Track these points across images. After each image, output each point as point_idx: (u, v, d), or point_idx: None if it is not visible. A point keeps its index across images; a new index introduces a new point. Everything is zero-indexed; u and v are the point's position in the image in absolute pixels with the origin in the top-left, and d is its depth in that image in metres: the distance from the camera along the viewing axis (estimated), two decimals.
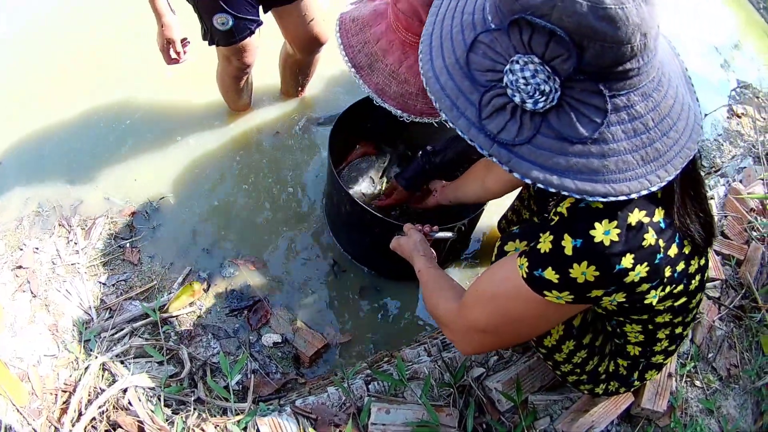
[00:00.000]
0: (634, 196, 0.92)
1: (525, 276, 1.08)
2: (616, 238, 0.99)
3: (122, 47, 2.73)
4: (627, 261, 1.00)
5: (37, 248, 1.98)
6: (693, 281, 1.19)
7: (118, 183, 2.27)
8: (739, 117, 3.34)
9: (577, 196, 0.91)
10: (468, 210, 2.18)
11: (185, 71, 2.50)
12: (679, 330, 1.32)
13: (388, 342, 2.00)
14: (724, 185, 2.58)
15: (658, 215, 1.04)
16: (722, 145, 3.06)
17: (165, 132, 2.47)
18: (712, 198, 2.48)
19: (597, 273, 1.00)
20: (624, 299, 1.10)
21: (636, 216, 1.01)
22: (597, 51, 0.84)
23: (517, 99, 0.89)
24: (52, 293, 1.86)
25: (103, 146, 2.39)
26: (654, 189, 0.93)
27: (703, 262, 1.21)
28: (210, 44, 2.07)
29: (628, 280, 1.03)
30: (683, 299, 1.21)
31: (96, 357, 1.68)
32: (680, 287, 1.16)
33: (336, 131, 2.02)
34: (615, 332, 1.41)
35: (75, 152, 2.36)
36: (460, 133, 0.95)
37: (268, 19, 2.15)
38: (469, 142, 0.94)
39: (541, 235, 1.08)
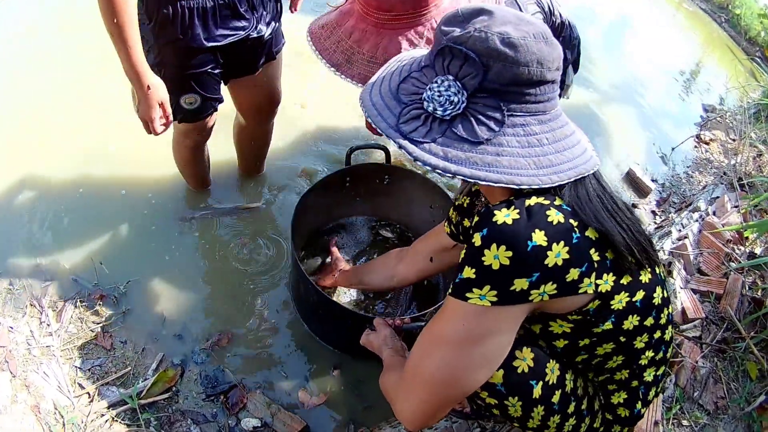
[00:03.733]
0: (525, 187, 1.13)
1: (451, 290, 1.19)
2: (517, 216, 1.11)
3: (76, 124, 2.95)
4: (539, 237, 1.09)
5: (11, 327, 2.10)
6: (642, 272, 1.27)
7: (85, 265, 2.42)
8: (707, 144, 3.52)
9: (471, 181, 1.13)
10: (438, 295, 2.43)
11: (143, 149, 2.71)
12: (657, 334, 1.36)
13: (367, 419, 2.14)
14: (697, 221, 2.72)
15: (559, 201, 1.17)
16: (692, 176, 3.26)
17: (125, 212, 2.65)
18: (686, 237, 2.60)
19: (509, 253, 1.09)
20: (555, 290, 1.13)
21: (534, 200, 1.15)
22: (498, 69, 1.12)
23: (430, 108, 1.17)
24: (31, 375, 1.97)
25: (66, 226, 2.56)
26: (545, 186, 1.14)
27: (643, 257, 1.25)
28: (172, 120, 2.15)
29: (549, 262, 1.09)
30: (641, 293, 1.27)
31: None
32: (627, 277, 1.23)
33: (299, 215, 2.20)
34: (596, 380, 1.44)
35: (40, 231, 2.51)
36: (380, 130, 1.20)
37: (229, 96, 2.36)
38: (386, 137, 1.19)
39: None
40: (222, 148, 2.83)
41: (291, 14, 2.32)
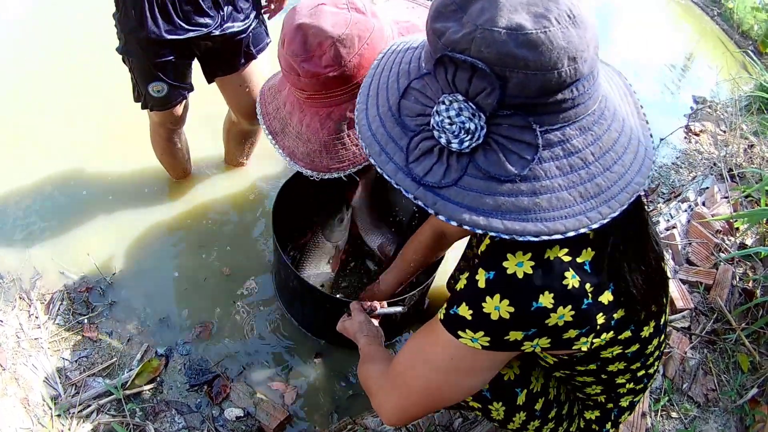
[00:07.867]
0: (571, 234, 0.90)
1: (442, 317, 1.10)
2: (530, 271, 0.97)
3: (64, 118, 2.97)
4: (546, 300, 0.97)
5: (1, 321, 2.14)
6: (645, 328, 1.17)
7: (72, 257, 2.46)
8: (698, 135, 3.51)
9: (506, 237, 0.90)
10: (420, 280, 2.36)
11: (122, 140, 2.74)
12: (641, 373, 1.30)
13: (350, 409, 2.16)
14: (686, 211, 2.73)
15: (585, 256, 1.01)
16: (681, 167, 3.25)
17: (108, 203, 2.69)
18: (674, 227, 2.60)
19: (512, 309, 0.98)
20: (548, 345, 1.05)
21: (555, 252, 0.99)
22: (520, 80, 0.85)
23: (443, 140, 0.92)
24: (20, 367, 2.02)
25: (54, 219, 2.59)
26: (595, 226, 0.92)
27: (654, 308, 1.17)
28: (143, 108, 2.24)
29: (549, 322, 0.99)
30: (635, 346, 1.18)
31: None
32: (626, 333, 1.13)
33: (280, 203, 2.20)
34: (576, 392, 1.44)
35: (28, 225, 2.55)
36: (386, 177, 0.98)
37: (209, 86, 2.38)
38: (395, 186, 0.97)
39: (461, 277, 1.09)
40: (204, 138, 2.88)
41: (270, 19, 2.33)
